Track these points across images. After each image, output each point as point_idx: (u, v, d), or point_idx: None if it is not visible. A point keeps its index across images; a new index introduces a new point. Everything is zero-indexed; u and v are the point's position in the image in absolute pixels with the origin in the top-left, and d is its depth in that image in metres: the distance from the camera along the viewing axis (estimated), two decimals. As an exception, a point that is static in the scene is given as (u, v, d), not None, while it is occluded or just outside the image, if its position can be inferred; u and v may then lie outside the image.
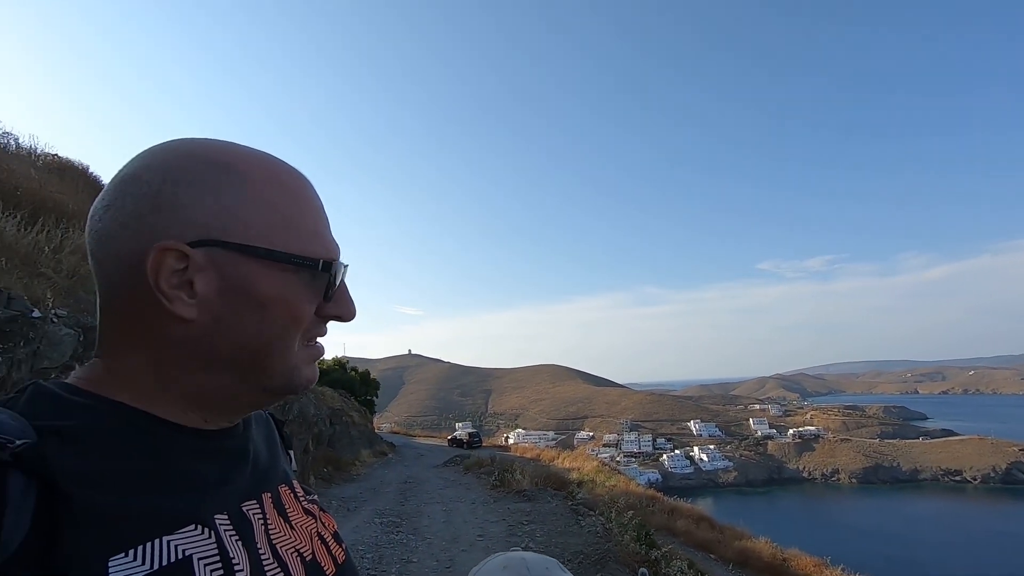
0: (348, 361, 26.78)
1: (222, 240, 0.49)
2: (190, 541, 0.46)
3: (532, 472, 12.43)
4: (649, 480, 64.67)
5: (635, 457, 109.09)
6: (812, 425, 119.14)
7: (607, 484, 14.48)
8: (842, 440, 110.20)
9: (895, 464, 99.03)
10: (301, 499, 0.65)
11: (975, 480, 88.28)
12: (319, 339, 0.58)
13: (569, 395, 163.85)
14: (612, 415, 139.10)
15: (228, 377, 0.52)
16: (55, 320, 4.05)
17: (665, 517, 13.04)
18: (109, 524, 0.42)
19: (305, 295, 0.54)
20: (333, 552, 0.64)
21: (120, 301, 0.50)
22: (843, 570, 12.24)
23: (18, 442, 0.40)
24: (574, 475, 14.63)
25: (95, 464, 0.44)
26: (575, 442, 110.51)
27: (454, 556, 6.45)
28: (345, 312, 0.58)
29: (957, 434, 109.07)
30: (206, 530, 0.48)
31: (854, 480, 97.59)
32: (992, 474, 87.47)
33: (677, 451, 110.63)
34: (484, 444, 29.52)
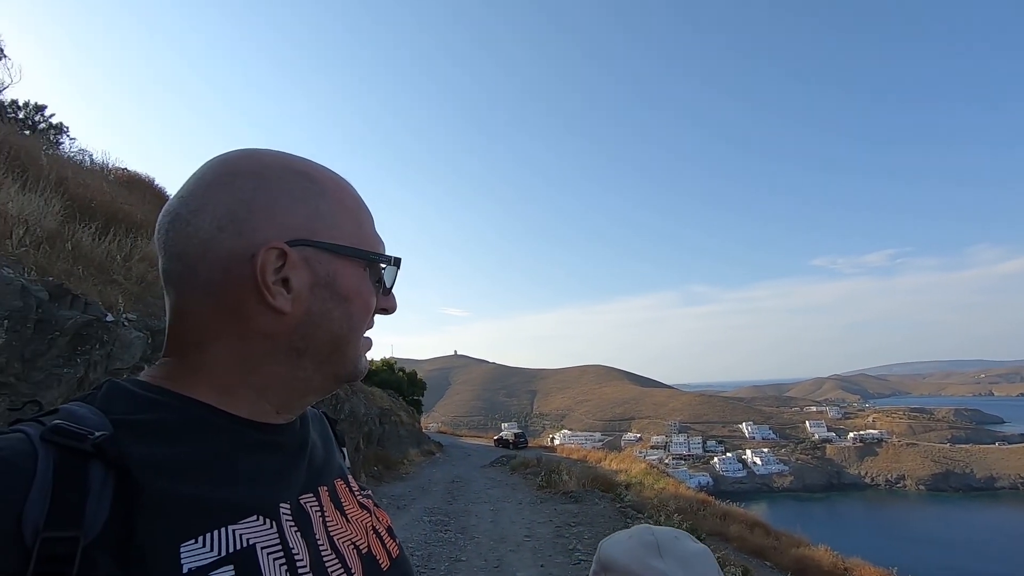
0: (396, 362, 27.31)
1: (313, 240, 0.55)
2: (253, 531, 0.49)
3: (579, 473, 12.37)
4: (700, 483, 63.04)
5: (684, 459, 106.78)
6: (875, 428, 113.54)
7: (656, 487, 14.22)
8: (908, 444, 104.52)
9: (968, 471, 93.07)
10: (356, 493, 0.68)
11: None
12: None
13: (616, 396, 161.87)
14: (660, 416, 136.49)
15: (310, 366, 0.57)
16: (126, 324, 4.32)
17: (717, 522, 12.67)
18: (180, 512, 0.45)
19: (372, 289, 0.61)
20: (388, 546, 0.66)
21: (213, 298, 0.53)
22: (911, 582, 11.58)
23: (97, 434, 0.44)
24: (622, 477, 14.46)
25: (166, 455, 0.47)
26: (622, 443, 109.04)
27: (502, 556, 6.48)
28: (392, 305, 0.64)
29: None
30: (268, 521, 0.51)
31: (922, 487, 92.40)
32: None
33: (729, 454, 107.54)
34: (530, 445, 29.58)
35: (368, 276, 0.60)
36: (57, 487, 0.41)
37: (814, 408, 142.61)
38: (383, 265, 0.61)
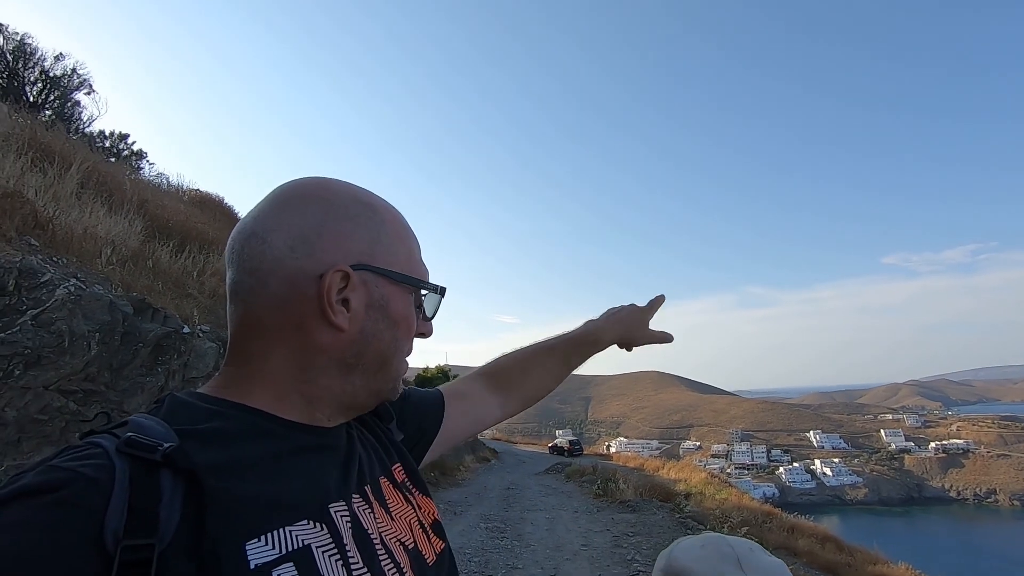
0: (450, 369, 27.71)
1: (372, 265, 0.60)
2: (307, 532, 0.52)
3: (636, 482, 12.13)
4: (765, 494, 60.51)
5: (747, 469, 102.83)
6: (960, 438, 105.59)
7: (717, 497, 13.75)
8: (999, 456, 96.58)
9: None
10: (402, 487, 0.70)
11: None
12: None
13: (673, 402, 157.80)
14: (720, 424, 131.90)
15: (358, 381, 0.61)
16: (200, 335, 4.60)
17: (784, 535, 12.09)
18: (244, 514, 0.48)
19: (416, 314, 0.65)
20: (432, 542, 0.69)
21: (280, 311, 0.57)
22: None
23: (166, 445, 0.47)
24: (681, 486, 14.07)
25: (228, 460, 0.50)
26: (681, 452, 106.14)
27: (558, 564, 6.44)
28: (429, 331, 0.69)
29: None
30: (319, 524, 0.53)
31: (1016, 502, 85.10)
32: None
33: (796, 464, 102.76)
34: (585, 452, 29.31)
35: (412, 301, 0.64)
36: (133, 497, 0.44)
37: (890, 416, 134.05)
38: (424, 292, 0.66)
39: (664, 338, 1.08)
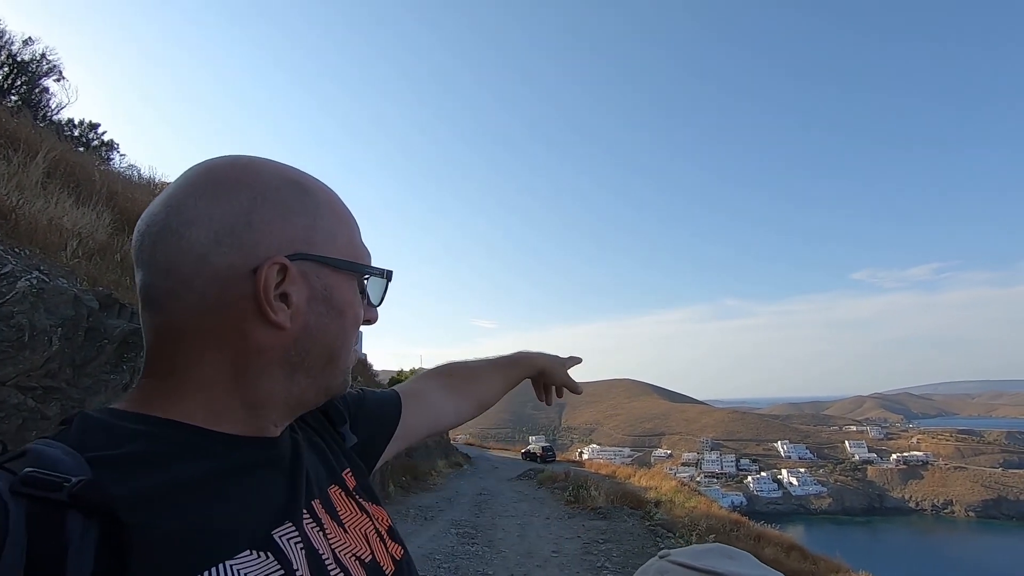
0: (425, 373, 27.55)
1: (310, 254, 0.55)
2: (251, 564, 0.46)
3: (607, 489, 12.20)
4: (733, 503, 61.46)
5: (717, 478, 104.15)
6: (919, 450, 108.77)
7: (687, 505, 13.88)
8: (956, 468, 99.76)
9: (1023, 497, 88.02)
10: (354, 494, 0.66)
11: (1125, 520, 76.68)
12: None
13: (645, 411, 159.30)
14: (691, 433, 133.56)
15: (304, 380, 0.56)
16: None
17: (751, 543, 12.28)
18: (176, 552, 0.42)
19: (362, 302, 0.61)
20: (390, 550, 0.65)
21: (208, 315, 0.51)
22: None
23: (74, 479, 0.39)
24: (651, 494, 14.18)
25: (155, 489, 0.44)
26: (652, 459, 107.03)
27: (529, 571, 6.43)
28: (374, 317, 0.64)
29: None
30: (265, 553, 0.48)
31: (972, 513, 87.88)
32: None
33: (764, 473, 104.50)
34: (558, 459, 29.32)
35: (357, 288, 0.60)
36: (33, 547, 0.37)
37: (854, 427, 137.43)
38: (368, 276, 0.61)
39: (575, 388, 1.18)
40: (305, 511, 0.56)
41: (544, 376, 1.14)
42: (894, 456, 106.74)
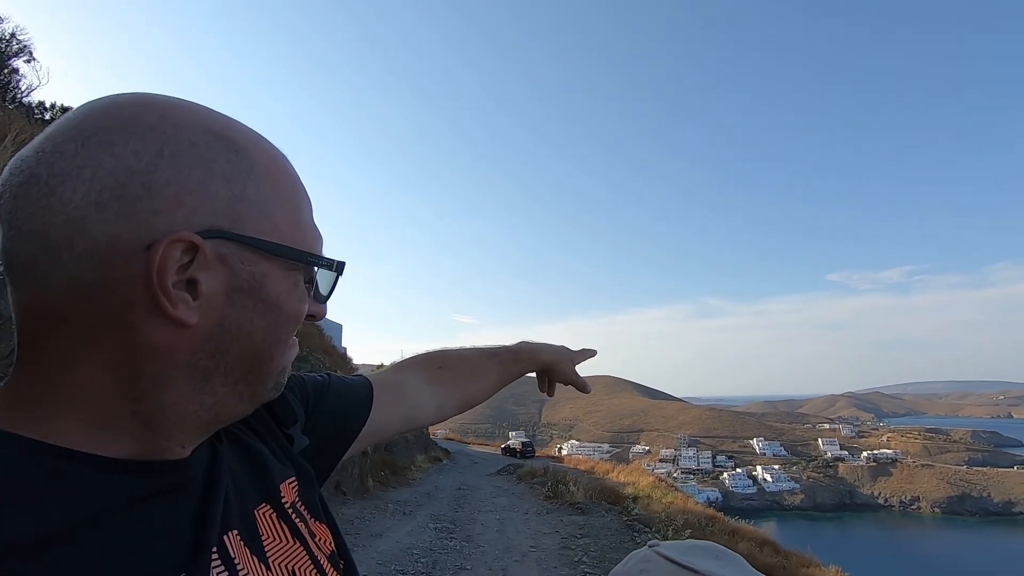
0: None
1: (234, 232, 0.42)
2: None
3: (586, 485, 12.27)
4: (708, 499, 62.31)
5: (693, 474, 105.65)
6: (889, 448, 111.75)
7: (664, 501, 14.04)
8: (923, 465, 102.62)
9: (986, 494, 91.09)
10: (290, 515, 0.54)
11: (1081, 516, 79.77)
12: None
13: (625, 407, 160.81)
14: (669, 429, 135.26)
15: (220, 389, 0.45)
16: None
17: (725, 539, 12.48)
18: None
19: (305, 294, 0.49)
20: None
21: (83, 299, 0.38)
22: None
23: None
24: (629, 490, 14.30)
25: (13, 538, 0.34)
26: (630, 456, 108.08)
27: (507, 566, 6.44)
28: (321, 312, 0.53)
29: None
30: None
31: (937, 509, 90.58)
32: (1102, 511, 78.83)
33: (739, 469, 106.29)
34: (537, 454, 29.46)
35: (302, 278, 0.48)
36: None
37: (827, 425, 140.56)
38: (317, 267, 0.49)
39: (583, 387, 1.04)
40: (215, 551, 0.44)
41: (549, 373, 1.02)
42: (865, 454, 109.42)
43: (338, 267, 0.51)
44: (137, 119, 0.41)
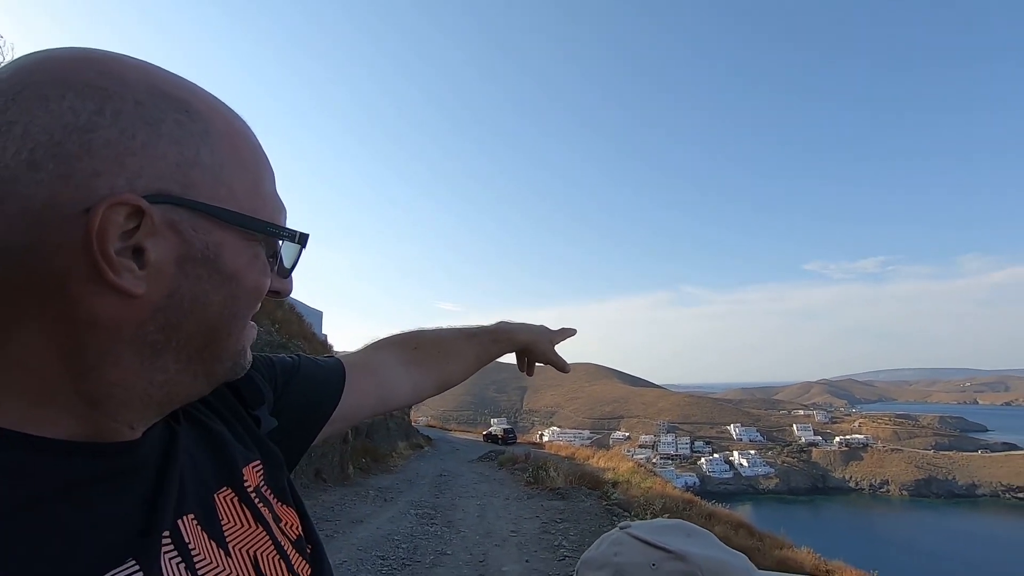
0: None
1: (186, 198, 0.40)
2: None
3: (567, 470, 12.40)
4: (686, 483, 63.49)
5: (672, 459, 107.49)
6: (860, 433, 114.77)
7: (643, 485, 14.25)
8: (893, 450, 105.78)
9: (951, 477, 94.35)
10: (252, 499, 0.52)
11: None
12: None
13: (605, 394, 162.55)
14: (649, 416, 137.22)
15: (172, 366, 0.42)
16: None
17: (702, 522, 12.71)
18: None
19: (267, 268, 0.46)
20: (295, 567, 0.51)
21: (17, 266, 0.36)
22: (891, 586, 11.76)
23: None
24: (609, 475, 14.48)
25: None
26: (610, 442, 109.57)
27: (487, 550, 6.49)
28: (286, 288, 0.50)
29: (1021, 448, 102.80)
30: None
31: (905, 492, 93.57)
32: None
33: (716, 455, 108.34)
34: (519, 441, 29.69)
35: (263, 251, 0.46)
36: None
37: (802, 412, 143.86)
38: (281, 238, 0.47)
39: (562, 366, 1.03)
40: (167, 535, 0.42)
41: (528, 353, 1.01)
42: (837, 439, 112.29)
43: (301, 239, 0.48)
44: (75, 73, 0.38)
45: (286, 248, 0.48)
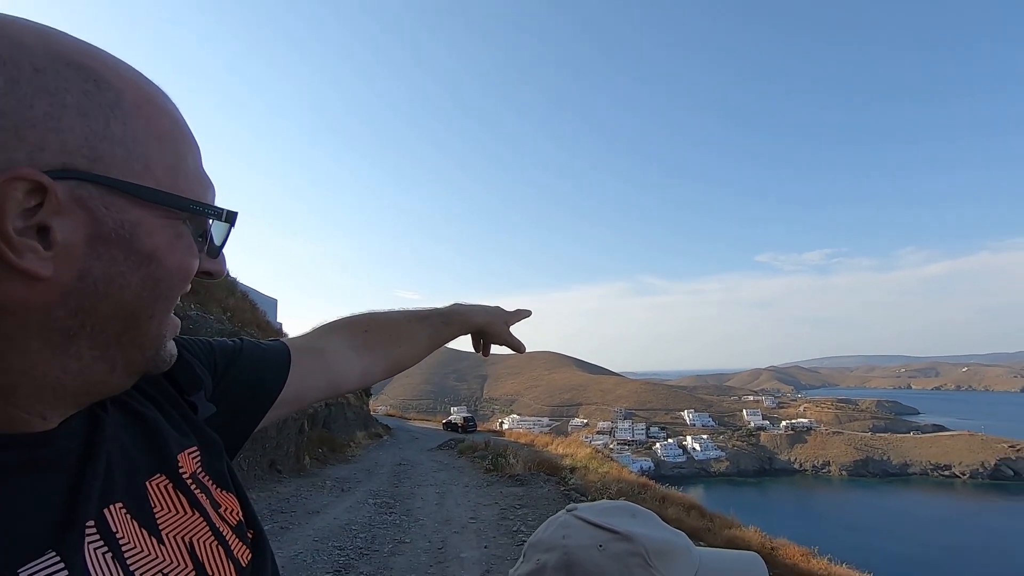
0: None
1: (95, 173, 0.37)
2: None
3: (526, 457, 12.52)
4: (642, 468, 65.20)
5: (628, 445, 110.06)
6: (805, 417, 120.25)
7: (600, 471, 14.57)
8: (834, 433, 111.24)
9: (885, 458, 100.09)
10: (188, 485, 0.49)
11: (964, 475, 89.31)
12: None
13: (564, 382, 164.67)
14: (607, 403, 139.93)
15: (87, 353, 0.40)
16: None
17: (656, 504, 13.13)
18: None
19: (193, 247, 0.44)
20: (235, 553, 0.50)
21: None
22: (829, 560, 12.43)
23: None
24: (567, 461, 14.72)
25: None
26: (569, 429, 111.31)
27: (446, 538, 6.51)
28: (219, 269, 0.48)
29: (948, 430, 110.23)
30: None
31: (844, 472, 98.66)
32: (980, 470, 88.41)
33: (670, 440, 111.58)
34: (479, 429, 29.79)
35: (188, 231, 0.43)
36: None
37: (751, 397, 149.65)
38: (211, 218, 0.44)
39: (518, 347, 1.02)
40: (91, 525, 0.39)
41: (483, 334, 0.99)
42: (783, 423, 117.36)
43: (229, 217, 0.45)
44: None
45: (217, 228, 0.46)
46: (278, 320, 22.85)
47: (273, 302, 25.19)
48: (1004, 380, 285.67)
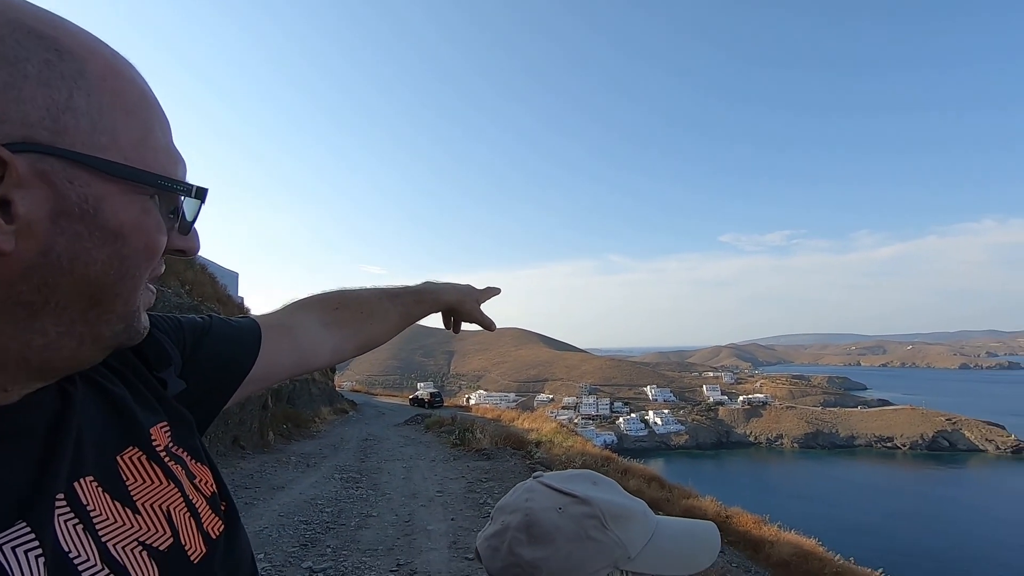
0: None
1: (57, 147, 0.36)
2: None
3: (492, 432, 12.68)
4: (605, 441, 66.85)
5: (592, 420, 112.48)
6: (761, 393, 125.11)
7: (564, 444, 14.86)
8: (787, 407, 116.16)
9: (834, 431, 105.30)
10: (161, 457, 0.49)
11: (904, 447, 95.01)
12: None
13: (531, 358, 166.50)
14: (572, 379, 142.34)
15: (52, 328, 0.39)
16: None
17: (618, 476, 13.52)
18: None
19: (161, 224, 0.43)
20: (207, 525, 0.50)
21: None
22: (778, 527, 13.10)
23: None
24: (533, 435, 14.97)
25: None
26: (535, 404, 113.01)
27: (413, 511, 6.57)
28: (192, 246, 0.47)
29: (892, 404, 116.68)
30: None
31: (796, 445, 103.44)
32: (920, 441, 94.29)
33: (633, 415, 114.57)
34: (446, 404, 29.91)
35: (157, 207, 0.42)
36: None
37: (711, 374, 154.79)
38: (182, 193, 0.44)
39: (489, 324, 1.03)
40: (61, 497, 0.39)
41: (454, 312, 1.00)
42: (741, 398, 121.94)
43: (198, 193, 0.45)
44: None
45: (189, 205, 0.45)
46: (239, 294, 22.28)
47: (234, 275, 24.53)
48: (945, 358, 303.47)
